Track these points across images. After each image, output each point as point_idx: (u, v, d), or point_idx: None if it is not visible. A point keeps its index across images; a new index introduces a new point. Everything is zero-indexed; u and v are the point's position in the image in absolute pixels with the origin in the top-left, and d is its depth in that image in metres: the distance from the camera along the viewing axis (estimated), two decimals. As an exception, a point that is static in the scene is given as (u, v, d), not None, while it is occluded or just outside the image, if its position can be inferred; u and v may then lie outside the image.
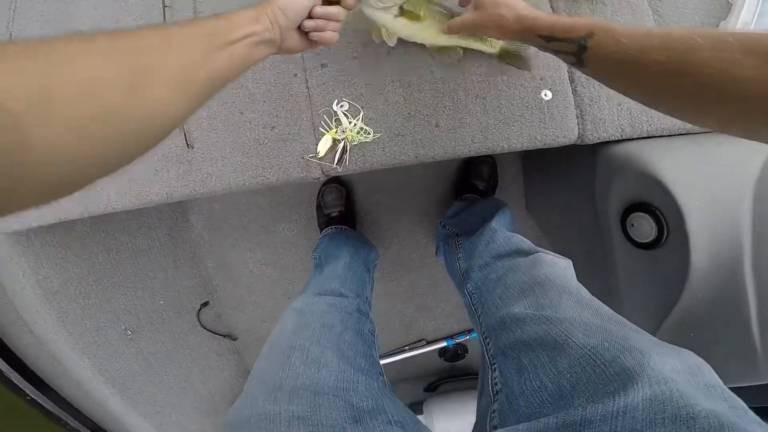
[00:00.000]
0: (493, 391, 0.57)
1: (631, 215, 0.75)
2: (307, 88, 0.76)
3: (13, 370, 1.02)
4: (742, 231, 0.66)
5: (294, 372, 0.56)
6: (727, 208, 0.67)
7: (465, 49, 0.73)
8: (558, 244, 1.24)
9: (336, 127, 0.74)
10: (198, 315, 1.51)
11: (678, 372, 0.40)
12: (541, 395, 0.47)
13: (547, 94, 0.75)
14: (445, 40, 0.70)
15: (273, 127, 0.76)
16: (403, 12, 0.66)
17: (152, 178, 0.80)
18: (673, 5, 0.83)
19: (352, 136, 0.73)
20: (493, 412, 0.54)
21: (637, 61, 0.41)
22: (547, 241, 1.39)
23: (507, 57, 0.74)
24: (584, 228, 0.95)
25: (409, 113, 0.74)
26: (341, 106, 0.74)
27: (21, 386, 1.04)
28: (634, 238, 0.75)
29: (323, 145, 0.74)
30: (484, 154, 0.75)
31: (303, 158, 0.76)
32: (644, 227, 0.72)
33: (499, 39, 0.69)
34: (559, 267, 0.70)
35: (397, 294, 1.55)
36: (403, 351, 1.56)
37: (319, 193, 1.40)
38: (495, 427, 0.53)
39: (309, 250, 1.24)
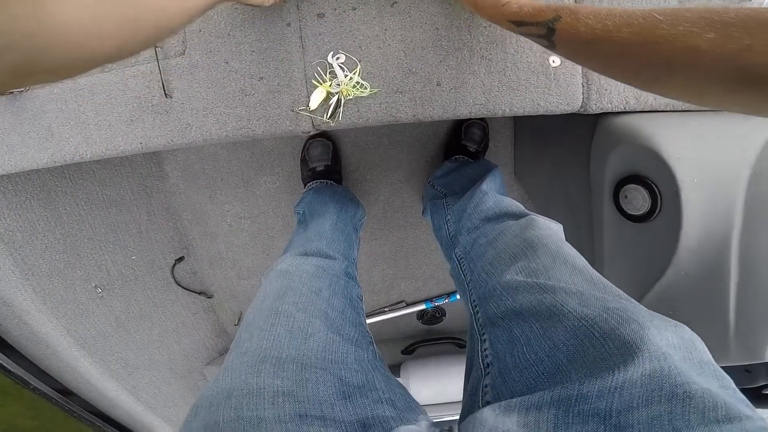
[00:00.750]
0: (483, 364, 0.55)
1: (625, 186, 0.74)
2: (301, 38, 0.70)
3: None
4: (735, 211, 0.67)
5: (279, 342, 0.53)
6: (722, 186, 0.68)
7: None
8: (543, 210, 1.25)
9: (331, 80, 0.70)
10: (172, 271, 1.49)
11: (675, 347, 0.39)
12: (537, 369, 0.45)
13: (555, 60, 0.72)
14: None
15: (261, 78, 0.71)
16: None
17: (125, 128, 0.76)
18: None
19: (348, 90, 0.69)
20: (485, 386, 0.52)
21: (601, 40, 0.43)
22: (532, 207, 1.40)
23: None
24: (572, 196, 0.95)
25: (409, 69, 0.70)
26: (337, 58, 0.69)
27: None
28: (625, 209, 0.75)
29: (316, 98, 0.70)
30: (484, 116, 0.72)
31: (293, 110, 0.72)
32: (637, 199, 0.72)
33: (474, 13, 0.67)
34: (551, 230, 0.69)
35: (380, 254, 1.54)
36: (383, 312, 1.58)
37: (304, 147, 1.35)
38: (488, 402, 0.50)
39: (291, 205, 1.20)
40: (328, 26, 0.70)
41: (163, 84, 0.73)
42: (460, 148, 1.28)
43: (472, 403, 0.54)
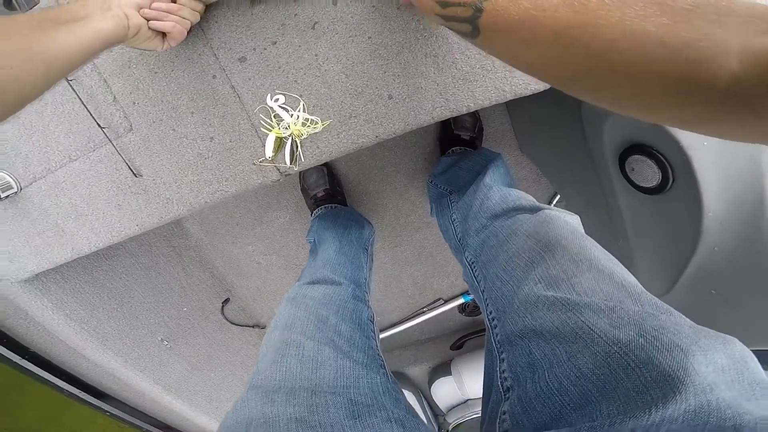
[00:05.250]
0: (503, 387, 0.48)
1: (629, 158, 0.62)
2: (233, 87, 0.64)
3: (85, 393, 1.15)
4: (763, 172, 0.53)
5: (291, 372, 0.54)
6: (743, 146, 0.53)
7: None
8: (559, 186, 1.12)
9: (278, 124, 0.63)
10: (223, 313, 1.53)
11: (723, 371, 0.34)
12: (561, 399, 0.39)
13: (509, 36, 0.61)
14: None
15: (212, 138, 0.66)
16: None
17: (117, 213, 0.76)
18: None
19: (299, 131, 0.62)
20: (504, 413, 0.46)
21: (533, 20, 0.34)
22: (547, 182, 1.27)
23: None
24: (582, 169, 0.83)
25: (355, 90, 0.62)
26: (276, 100, 0.62)
27: (95, 404, 1.17)
28: (636, 182, 0.63)
29: (270, 146, 0.64)
30: (450, 117, 0.63)
31: (254, 164, 0.66)
32: (646, 172, 0.60)
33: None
34: (569, 225, 0.59)
35: (404, 259, 1.48)
36: (422, 313, 1.51)
37: (300, 176, 1.29)
38: (506, 431, 0.45)
39: (306, 232, 1.17)
40: (255, 68, 0.63)
41: (128, 164, 0.71)
42: (454, 139, 1.16)
43: (489, 429, 0.49)
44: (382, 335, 1.54)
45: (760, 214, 0.54)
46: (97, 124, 0.68)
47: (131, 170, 0.71)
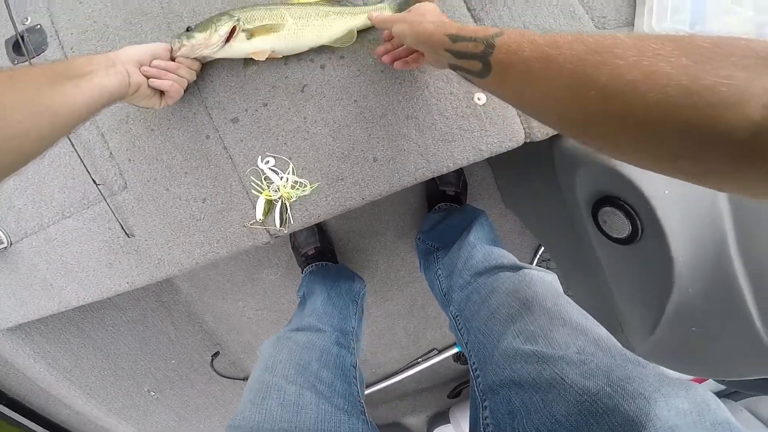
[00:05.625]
0: None
1: (601, 210, 0.66)
2: (225, 148, 0.67)
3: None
4: (721, 213, 0.57)
5: (271, 415, 0.54)
6: (699, 189, 0.57)
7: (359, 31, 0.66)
8: (541, 237, 1.15)
9: (268, 186, 0.65)
10: (212, 365, 1.50)
11: (685, 414, 0.36)
12: None
13: (480, 98, 0.65)
14: (332, 34, 0.64)
15: (204, 200, 0.68)
16: (252, 33, 0.61)
17: (108, 271, 0.76)
18: None
19: (288, 193, 0.65)
20: None
21: (548, 57, 0.33)
22: (530, 235, 1.30)
23: (406, 6, 0.67)
24: (561, 221, 0.86)
25: (342, 153, 0.65)
26: (267, 162, 0.65)
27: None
28: (609, 233, 0.66)
29: (260, 209, 0.66)
30: (431, 177, 0.66)
31: (245, 226, 0.68)
32: (617, 223, 0.63)
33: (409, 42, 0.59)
34: (546, 283, 0.63)
35: (396, 312, 1.48)
36: (417, 364, 1.50)
37: (290, 235, 1.32)
38: None
39: (297, 288, 1.18)
40: (246, 129, 0.66)
41: (121, 224, 0.71)
42: (440, 195, 1.21)
43: None
44: (378, 386, 1.52)
45: (724, 255, 0.57)
46: (93, 180, 0.70)
47: (124, 230, 0.72)
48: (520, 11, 0.71)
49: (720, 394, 1.28)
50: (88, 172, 0.70)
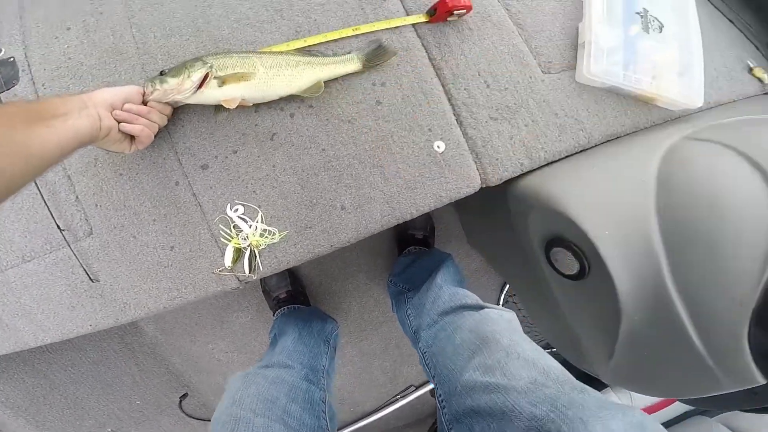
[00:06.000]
0: None
1: (552, 250, 0.71)
2: (194, 195, 0.68)
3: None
4: (655, 247, 0.63)
5: None
6: (635, 228, 0.64)
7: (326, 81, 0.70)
8: (504, 275, 1.21)
9: (237, 234, 0.66)
10: (180, 407, 1.45)
11: None
12: None
13: (439, 146, 0.70)
14: (302, 84, 0.67)
15: (172, 247, 0.68)
16: (224, 80, 0.63)
17: (70, 314, 0.74)
18: (533, 17, 0.83)
19: (257, 241, 0.66)
20: None
21: None
22: (494, 272, 1.37)
23: (373, 60, 0.72)
24: (521, 260, 0.91)
25: (310, 201, 0.67)
26: (236, 210, 0.66)
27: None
28: (561, 270, 0.71)
29: (229, 257, 0.66)
30: (397, 223, 0.69)
31: (213, 273, 0.68)
32: (566, 261, 0.68)
33: None
34: (504, 321, 0.70)
35: (371, 351, 1.49)
36: (395, 401, 1.50)
37: (261, 279, 1.31)
38: None
39: (269, 331, 1.16)
40: (216, 176, 0.67)
41: (85, 270, 0.70)
42: (409, 238, 1.27)
43: None
44: (358, 425, 1.51)
45: (662, 285, 0.63)
46: (57, 225, 0.69)
47: (88, 275, 0.70)
48: (476, 59, 0.78)
49: (695, 412, 1.34)
50: (53, 217, 0.69)
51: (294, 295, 1.25)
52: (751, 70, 0.95)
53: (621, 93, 0.81)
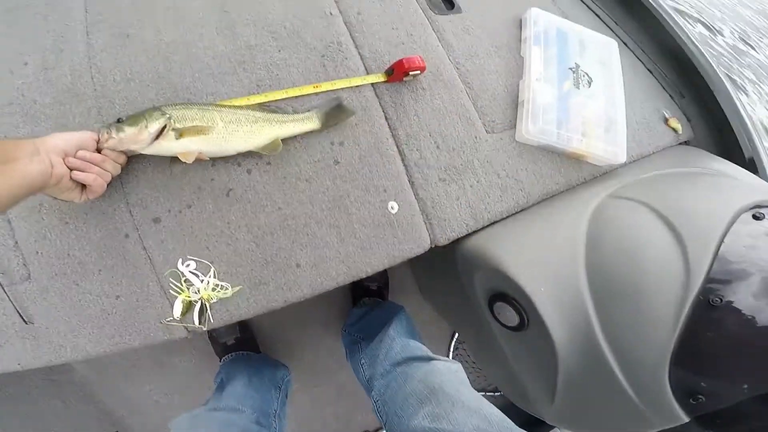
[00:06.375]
0: None
1: (495, 304, 0.76)
2: (144, 249, 0.67)
3: None
4: (585, 300, 0.70)
5: None
6: (567, 284, 0.71)
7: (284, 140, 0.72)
8: (454, 324, 1.27)
9: (188, 288, 0.66)
10: None
11: None
12: None
13: (393, 207, 0.74)
14: (260, 141, 0.69)
15: (118, 296, 0.66)
16: (181, 133, 0.63)
17: None
18: (480, 76, 0.90)
19: (208, 295, 0.66)
20: None
21: None
22: (445, 322, 1.42)
23: (332, 119, 0.75)
24: (468, 312, 0.97)
25: (265, 260, 0.68)
26: (187, 265, 0.66)
27: None
28: (503, 323, 0.77)
29: (178, 309, 0.66)
30: (351, 281, 0.72)
31: (161, 323, 0.67)
32: (508, 314, 0.74)
33: None
34: (452, 372, 0.77)
35: (324, 398, 1.48)
36: (350, 447, 1.48)
37: None
38: None
39: (214, 375, 1.12)
40: (169, 231, 0.67)
41: (18, 312, 0.66)
42: (364, 289, 1.31)
43: None
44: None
45: (592, 336, 0.69)
46: None
47: (22, 317, 0.66)
48: (428, 119, 0.84)
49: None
50: None
51: (243, 342, 1.23)
52: (666, 120, 1.01)
53: (555, 151, 0.87)
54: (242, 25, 0.85)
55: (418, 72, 0.82)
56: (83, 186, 0.58)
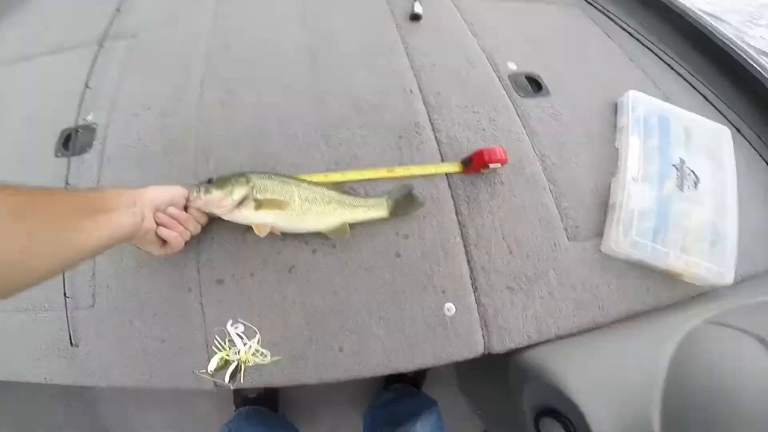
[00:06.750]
0: None
1: (542, 419, 0.70)
2: (201, 305, 0.69)
3: None
4: (652, 421, 0.61)
5: None
6: (636, 414, 0.62)
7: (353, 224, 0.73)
8: (488, 426, 1.18)
9: (230, 347, 0.67)
10: None
11: None
12: None
13: (450, 309, 0.71)
14: (330, 223, 0.70)
15: (163, 341, 0.69)
16: (260, 204, 0.66)
17: (30, 363, 0.72)
18: (567, 171, 0.84)
19: (247, 358, 0.67)
20: None
21: None
22: (476, 422, 1.32)
23: (401, 208, 0.75)
24: (509, 418, 0.90)
25: (310, 338, 0.68)
26: (236, 327, 0.67)
27: None
28: None
29: (214, 364, 0.66)
30: (389, 373, 0.70)
31: (194, 372, 0.68)
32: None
33: None
34: None
35: None
36: None
37: None
38: None
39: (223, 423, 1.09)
40: (228, 293, 0.69)
41: (69, 333, 0.70)
42: (399, 373, 1.25)
43: None
44: None
45: None
46: (64, 291, 0.70)
47: (70, 339, 0.70)
48: (503, 219, 0.79)
49: None
50: (63, 282, 0.71)
51: (265, 397, 1.22)
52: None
53: (646, 267, 0.76)
54: (331, 94, 0.90)
55: (499, 165, 0.78)
56: (164, 241, 0.63)
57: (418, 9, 1.13)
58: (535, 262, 0.77)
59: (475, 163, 0.79)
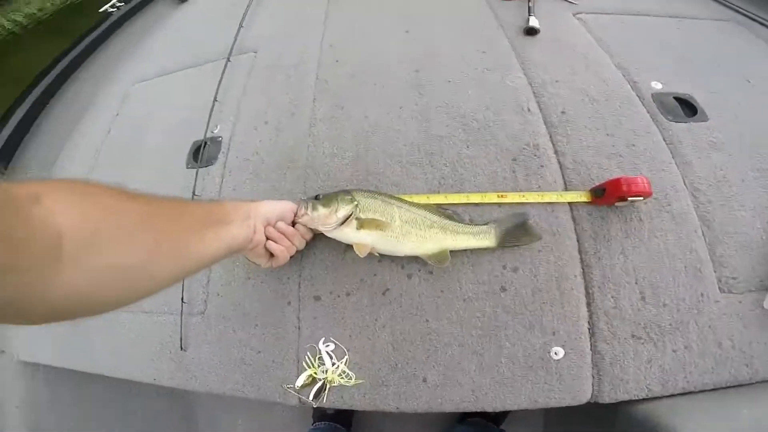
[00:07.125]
0: None
1: None
2: (298, 319, 0.85)
3: None
4: None
5: None
6: None
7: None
8: None
9: (318, 366, 0.81)
10: None
11: None
12: None
13: (558, 353, 0.75)
14: (430, 248, 0.78)
15: (259, 352, 0.86)
16: (362, 224, 0.78)
17: (145, 362, 0.94)
18: (727, 211, 0.82)
19: (333, 378, 0.79)
20: None
21: None
22: None
23: (511, 239, 0.79)
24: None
25: (396, 364, 0.79)
26: (327, 345, 0.82)
27: None
28: None
29: (302, 380, 0.81)
30: (473, 411, 0.76)
31: (282, 386, 0.83)
32: None
33: None
34: None
35: None
36: None
37: None
38: None
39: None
40: (323, 310, 0.84)
41: (181, 338, 0.91)
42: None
43: None
44: None
45: None
46: (182, 296, 0.92)
47: (181, 343, 0.91)
48: (638, 262, 0.80)
49: None
50: (182, 288, 0.92)
51: (340, 414, 1.36)
52: None
53: None
54: (435, 110, 1.01)
55: (640, 198, 0.78)
56: (272, 254, 0.78)
57: (533, 23, 1.20)
58: (673, 312, 0.77)
59: (609, 194, 0.80)
